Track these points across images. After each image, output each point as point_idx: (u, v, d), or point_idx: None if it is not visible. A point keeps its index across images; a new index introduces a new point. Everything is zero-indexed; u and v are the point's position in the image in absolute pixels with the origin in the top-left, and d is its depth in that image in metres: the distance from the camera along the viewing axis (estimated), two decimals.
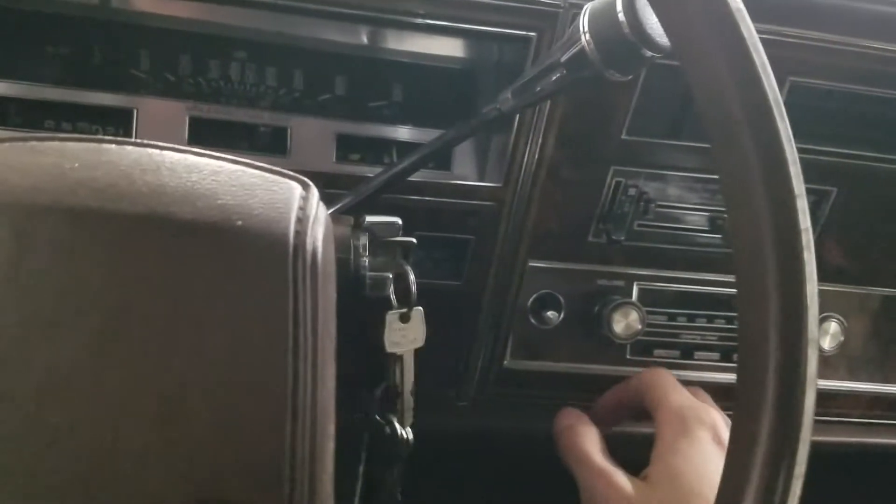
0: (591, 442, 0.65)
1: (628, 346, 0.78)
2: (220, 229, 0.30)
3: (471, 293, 0.72)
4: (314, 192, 0.35)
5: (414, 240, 0.51)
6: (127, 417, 0.32)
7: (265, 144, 0.67)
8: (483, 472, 0.86)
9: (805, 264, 0.34)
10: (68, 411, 0.32)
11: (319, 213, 0.34)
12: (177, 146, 0.34)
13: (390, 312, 0.50)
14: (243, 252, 0.30)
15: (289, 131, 0.67)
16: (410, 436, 0.54)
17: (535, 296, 0.75)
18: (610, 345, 0.77)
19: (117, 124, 0.65)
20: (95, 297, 0.30)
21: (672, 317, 0.79)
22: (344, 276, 0.47)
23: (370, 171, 0.67)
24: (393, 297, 0.51)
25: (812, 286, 0.34)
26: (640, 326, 0.75)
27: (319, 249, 0.32)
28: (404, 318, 0.51)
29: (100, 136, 0.35)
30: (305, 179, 0.36)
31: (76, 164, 0.31)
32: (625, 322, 0.75)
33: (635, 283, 0.77)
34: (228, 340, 0.31)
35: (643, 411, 0.67)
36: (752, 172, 0.33)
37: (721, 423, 0.63)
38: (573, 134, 0.67)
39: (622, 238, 0.71)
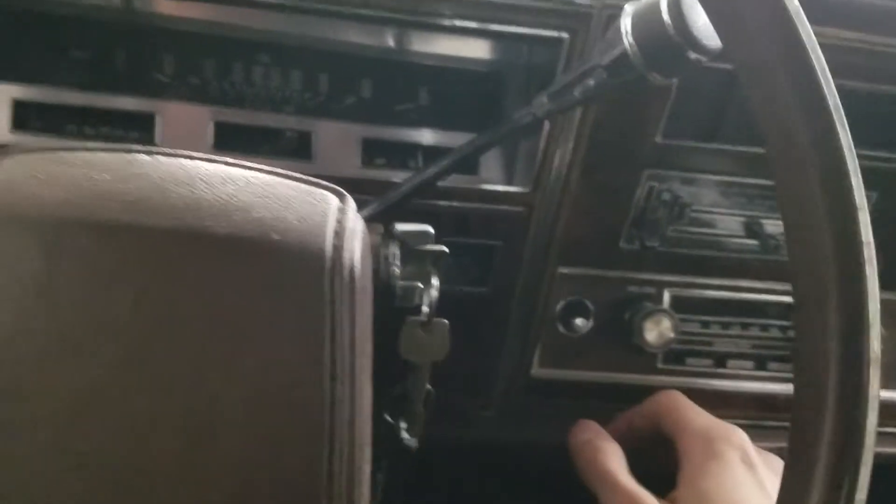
0: (614, 459, 0.62)
1: (660, 355, 0.76)
2: (256, 244, 0.28)
3: (498, 300, 0.71)
4: (351, 204, 0.33)
5: (446, 249, 0.50)
6: (157, 437, 0.31)
7: (290, 149, 0.65)
8: (507, 485, 0.85)
9: (867, 279, 0.32)
10: (97, 432, 0.31)
11: (357, 225, 0.32)
12: (209, 156, 0.33)
13: (411, 318, 0.49)
14: (280, 268, 0.29)
15: (313, 136, 0.65)
16: (414, 444, 0.52)
17: (563, 302, 0.73)
18: (641, 353, 0.75)
19: (141, 129, 0.64)
20: (126, 315, 0.29)
21: (705, 324, 0.77)
22: (375, 286, 0.46)
23: (396, 176, 0.65)
24: (425, 307, 0.50)
25: (874, 303, 0.32)
26: (672, 335, 0.73)
27: (358, 264, 0.30)
28: (425, 328, 0.49)
29: (130, 146, 0.33)
30: (341, 190, 0.34)
31: (107, 176, 0.30)
32: (657, 330, 0.73)
33: (667, 290, 0.76)
34: (264, 360, 0.30)
35: (656, 437, 0.65)
36: (811, 183, 0.32)
37: (749, 443, 0.61)
38: (606, 137, 0.65)
39: (656, 244, 0.69)
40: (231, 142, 0.64)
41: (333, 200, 0.32)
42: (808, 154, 0.31)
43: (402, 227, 0.47)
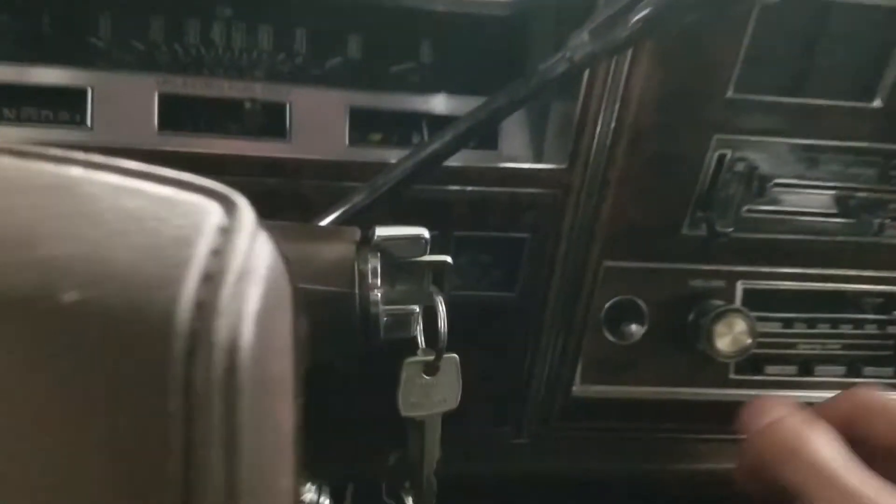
0: (833, 445, 0.41)
1: (732, 364, 0.62)
2: (29, 312, 0.15)
3: (528, 306, 0.56)
4: (246, 219, 0.19)
5: (448, 259, 0.35)
6: None
7: (258, 126, 0.52)
8: None
9: None
10: None
11: (258, 257, 0.18)
12: (23, 148, 0.19)
13: (409, 360, 0.35)
14: (77, 353, 0.15)
15: (288, 107, 0.51)
16: None
17: (610, 304, 0.59)
18: (707, 362, 0.61)
19: (72, 107, 0.50)
20: None
21: (787, 323, 0.62)
22: (344, 318, 0.32)
23: (393, 156, 0.51)
24: (421, 337, 0.36)
25: None
26: (749, 340, 0.58)
27: (246, 340, 0.16)
28: (430, 370, 0.36)
29: None
30: (233, 195, 0.20)
31: None
32: (730, 336, 0.58)
33: (739, 283, 0.61)
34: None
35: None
36: None
37: None
38: (664, 93, 0.50)
39: (729, 229, 0.54)
40: (181, 119, 0.51)
41: (211, 215, 0.18)
42: None
43: (384, 231, 0.33)
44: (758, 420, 0.45)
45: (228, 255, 0.17)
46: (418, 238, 0.34)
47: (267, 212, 0.49)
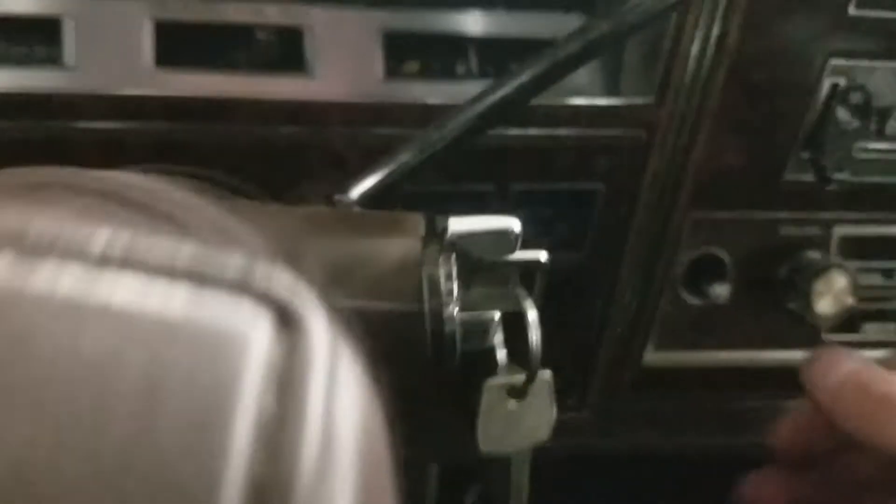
0: None
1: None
2: None
3: (598, 267, 0.48)
4: (313, 338, 0.10)
5: (544, 257, 0.27)
6: None
7: (270, 58, 0.42)
8: None
9: None
10: None
11: (337, 421, 0.10)
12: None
13: (491, 382, 0.27)
14: None
15: (307, 33, 0.42)
16: None
17: (689, 259, 0.50)
18: (798, 321, 0.52)
19: (49, 41, 0.41)
20: None
21: (888, 273, 0.54)
22: (410, 341, 0.24)
23: (435, 92, 0.42)
24: (501, 351, 0.28)
25: None
26: (850, 300, 0.50)
27: None
28: (517, 393, 0.28)
29: None
30: (294, 294, 0.12)
31: None
32: (830, 295, 0.50)
33: (835, 229, 0.52)
34: None
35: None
36: None
37: None
38: (771, 11, 0.40)
39: (845, 174, 0.45)
40: (180, 52, 0.41)
41: (256, 347, 0.10)
42: None
43: (460, 225, 0.24)
44: (831, 374, 0.41)
45: (289, 430, 0.09)
46: (507, 233, 0.25)
47: (291, 171, 0.40)
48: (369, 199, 0.34)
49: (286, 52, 0.42)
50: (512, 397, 0.28)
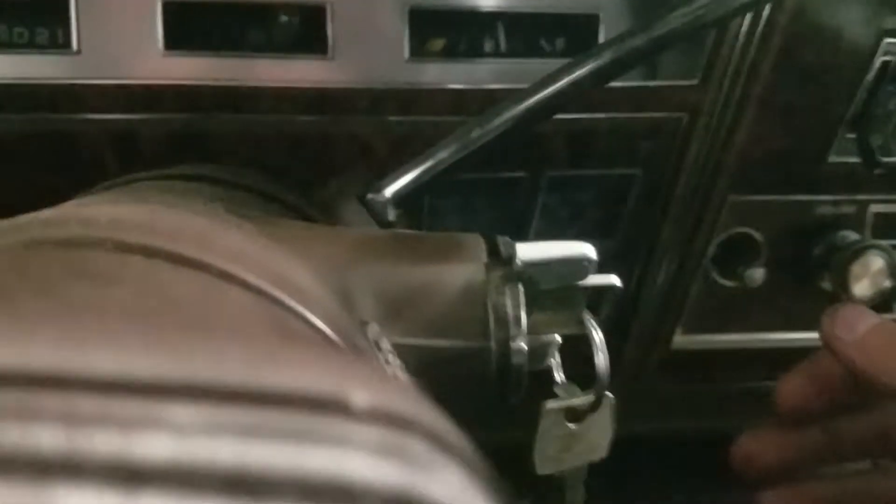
0: None
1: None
2: None
3: (631, 254, 0.46)
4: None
5: (617, 281, 0.25)
6: None
7: (291, 39, 0.39)
8: (632, 490, 0.63)
9: None
10: None
11: None
12: None
13: (551, 406, 0.25)
14: None
15: (328, 12, 0.39)
16: None
17: (720, 239, 0.48)
18: (830, 301, 0.51)
19: (51, 23, 0.38)
20: None
21: None
22: (474, 379, 0.22)
23: (462, 72, 0.40)
24: (559, 374, 0.26)
25: None
26: (888, 283, 0.48)
27: None
28: (576, 415, 0.26)
29: None
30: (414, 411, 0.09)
31: None
32: (867, 278, 0.48)
33: (871, 208, 0.50)
34: None
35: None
36: None
37: None
38: None
39: (892, 158, 0.43)
40: (192, 35, 0.38)
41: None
42: None
43: (529, 252, 0.22)
44: (858, 325, 0.39)
45: None
46: (581, 261, 0.23)
47: (315, 162, 0.38)
48: (403, 198, 0.32)
49: (306, 32, 0.39)
50: (570, 420, 0.26)
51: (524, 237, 0.45)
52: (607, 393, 0.26)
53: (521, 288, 0.22)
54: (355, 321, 0.20)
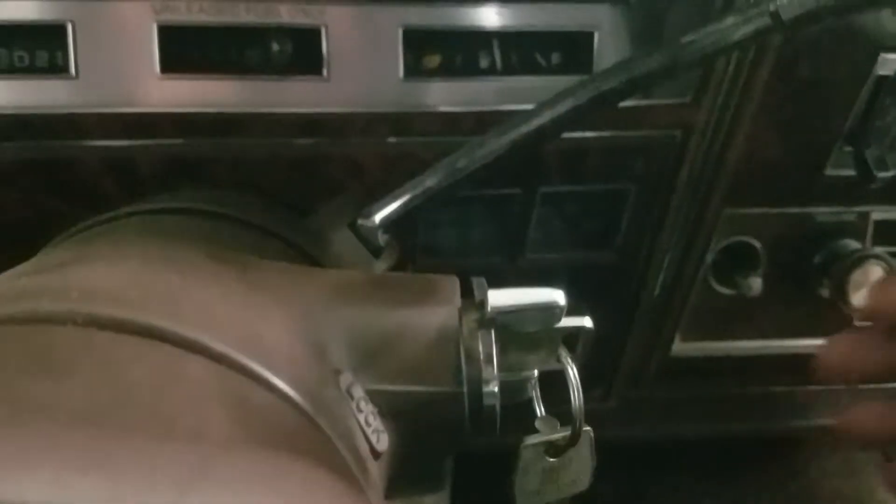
0: None
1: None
2: None
3: (628, 266, 0.47)
4: None
5: (588, 323, 0.25)
6: None
7: (286, 61, 0.40)
8: (632, 495, 0.64)
9: None
10: None
11: None
12: None
13: (529, 442, 0.26)
14: None
15: (323, 33, 0.39)
16: None
17: (719, 247, 0.49)
18: (829, 308, 0.51)
19: (51, 47, 0.39)
20: None
21: None
22: (447, 422, 0.23)
23: (457, 91, 0.40)
24: (539, 406, 0.27)
25: None
26: None
27: None
28: (555, 451, 0.27)
29: None
30: None
31: None
32: (866, 287, 0.48)
33: (872, 216, 0.50)
34: None
35: None
36: None
37: None
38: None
39: (890, 172, 0.42)
40: (188, 58, 0.39)
41: None
42: None
43: (501, 300, 0.23)
44: None
45: None
46: (551, 307, 0.23)
47: (309, 184, 0.38)
48: (392, 223, 0.33)
49: (301, 54, 0.40)
50: (550, 455, 0.27)
51: (520, 250, 0.45)
52: (586, 427, 0.27)
53: (493, 338, 0.23)
54: (327, 371, 0.21)
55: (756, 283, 0.49)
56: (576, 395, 0.26)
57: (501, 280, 0.41)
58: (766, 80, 0.39)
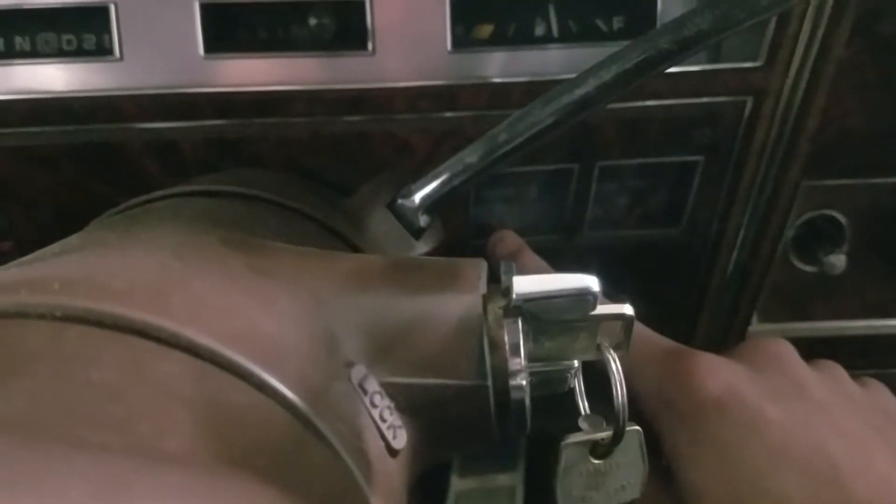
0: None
1: None
2: None
3: (697, 244, 0.44)
4: None
5: (629, 309, 0.23)
6: None
7: (330, 36, 0.39)
8: None
9: None
10: None
11: None
12: None
13: (570, 441, 0.24)
14: None
15: (368, 6, 0.38)
16: None
17: (800, 221, 0.45)
18: None
19: (93, 29, 0.39)
20: None
21: None
22: (472, 417, 0.21)
23: (506, 62, 0.38)
24: (583, 401, 0.25)
25: None
26: None
27: None
28: (601, 452, 0.25)
29: None
30: None
31: None
32: None
33: None
34: None
35: None
36: None
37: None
38: None
39: None
40: (232, 37, 0.38)
41: None
42: None
43: (526, 287, 0.21)
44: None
45: None
46: (582, 295, 0.21)
47: (354, 162, 0.37)
48: (433, 203, 0.31)
49: (345, 28, 0.38)
50: (595, 456, 0.25)
51: (579, 228, 0.43)
52: (635, 426, 0.25)
53: (520, 326, 0.21)
54: (337, 363, 0.20)
55: (840, 260, 0.45)
56: (618, 388, 0.24)
57: (559, 260, 0.39)
58: (846, 38, 0.36)
